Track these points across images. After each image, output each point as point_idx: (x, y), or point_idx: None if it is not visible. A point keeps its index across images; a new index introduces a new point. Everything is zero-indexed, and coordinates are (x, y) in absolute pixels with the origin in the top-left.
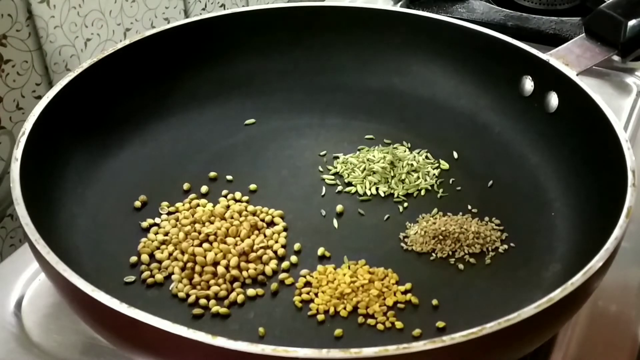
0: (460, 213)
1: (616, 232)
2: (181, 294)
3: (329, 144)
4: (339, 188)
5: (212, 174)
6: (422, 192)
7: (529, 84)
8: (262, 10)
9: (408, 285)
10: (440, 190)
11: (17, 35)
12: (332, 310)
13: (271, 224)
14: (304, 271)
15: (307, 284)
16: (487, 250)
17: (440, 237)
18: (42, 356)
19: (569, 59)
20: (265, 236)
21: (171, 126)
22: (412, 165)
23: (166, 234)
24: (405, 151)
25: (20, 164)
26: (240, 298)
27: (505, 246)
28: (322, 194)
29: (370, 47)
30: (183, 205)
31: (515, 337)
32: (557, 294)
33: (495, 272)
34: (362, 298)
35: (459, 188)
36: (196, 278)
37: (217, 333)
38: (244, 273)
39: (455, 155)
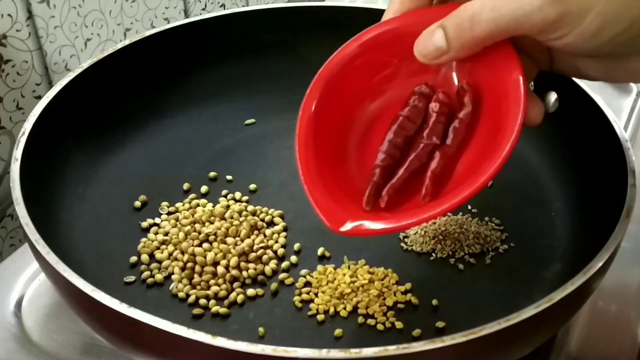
0: (460, 213)
1: (616, 232)
2: (181, 294)
3: None
4: None
5: (212, 174)
6: None
7: None
8: (262, 10)
9: (408, 285)
10: None
11: (17, 35)
12: (332, 310)
13: (271, 224)
14: (304, 271)
15: (307, 284)
16: (487, 250)
17: (440, 237)
18: (42, 356)
19: None
20: (265, 236)
21: (171, 126)
22: None
23: (166, 234)
24: None
25: (20, 164)
26: (240, 298)
27: (505, 246)
28: None
29: None
30: (183, 205)
31: (515, 337)
32: (557, 294)
33: (495, 272)
34: (362, 298)
35: None
36: (196, 278)
37: (217, 333)
38: (244, 273)
39: None
